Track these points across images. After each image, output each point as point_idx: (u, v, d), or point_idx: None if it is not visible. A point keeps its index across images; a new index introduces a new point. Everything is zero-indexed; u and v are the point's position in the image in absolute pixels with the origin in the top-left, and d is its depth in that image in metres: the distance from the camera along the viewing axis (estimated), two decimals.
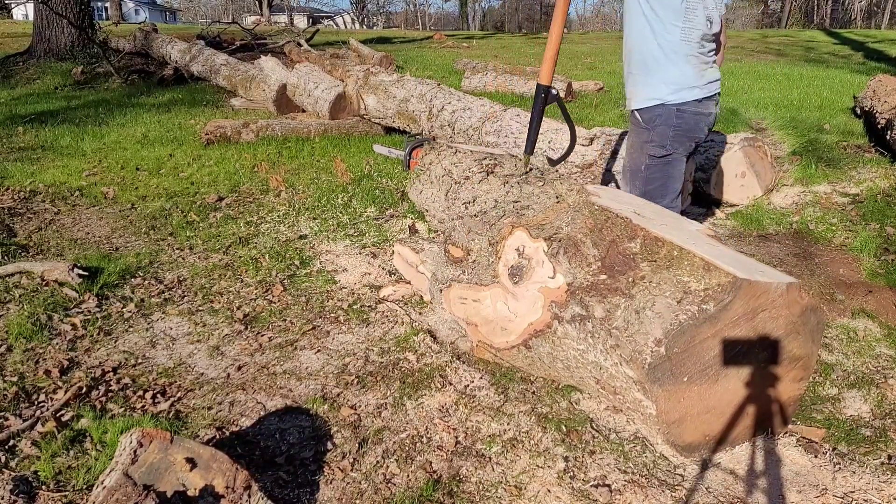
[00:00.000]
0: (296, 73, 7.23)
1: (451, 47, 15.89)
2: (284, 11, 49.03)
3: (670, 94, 2.58)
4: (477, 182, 3.08)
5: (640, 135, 2.69)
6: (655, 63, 2.57)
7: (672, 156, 2.66)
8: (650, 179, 2.70)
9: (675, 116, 2.58)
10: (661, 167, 2.68)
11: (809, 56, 14.05)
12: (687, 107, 2.59)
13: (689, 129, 2.63)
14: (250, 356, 2.66)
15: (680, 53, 2.55)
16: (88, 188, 4.70)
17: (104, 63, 9.87)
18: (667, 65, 2.56)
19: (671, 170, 2.68)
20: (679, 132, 2.62)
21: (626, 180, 2.86)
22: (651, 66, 2.59)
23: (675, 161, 2.68)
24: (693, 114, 2.61)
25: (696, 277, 1.98)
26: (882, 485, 2.01)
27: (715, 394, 2.00)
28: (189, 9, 64.27)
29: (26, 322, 2.74)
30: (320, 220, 4.13)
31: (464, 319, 2.58)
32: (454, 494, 1.94)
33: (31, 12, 16.14)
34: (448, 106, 5.42)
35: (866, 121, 6.11)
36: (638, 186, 2.75)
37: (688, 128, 2.63)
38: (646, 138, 2.67)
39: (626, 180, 2.86)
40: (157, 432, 1.60)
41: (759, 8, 54.47)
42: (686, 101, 2.59)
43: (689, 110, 2.60)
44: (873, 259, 3.61)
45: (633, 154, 2.75)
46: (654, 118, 2.62)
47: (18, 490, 1.82)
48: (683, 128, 2.62)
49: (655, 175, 2.69)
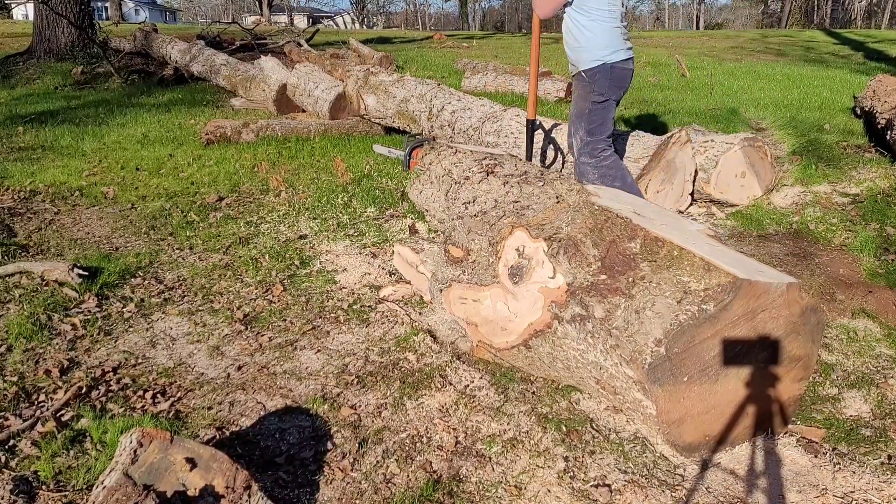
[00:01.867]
0: (296, 73, 7.23)
1: (451, 47, 15.90)
2: (284, 11, 49.05)
3: (607, 56, 3.46)
4: (477, 182, 3.08)
5: (584, 87, 3.56)
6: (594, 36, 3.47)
7: (608, 101, 3.55)
8: (592, 119, 3.59)
9: (609, 72, 3.48)
10: (601, 111, 3.57)
11: (809, 56, 14.06)
12: (618, 64, 3.50)
13: (619, 80, 3.54)
14: (250, 356, 2.66)
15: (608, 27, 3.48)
16: (88, 188, 4.70)
17: (104, 63, 9.87)
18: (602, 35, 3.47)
19: (607, 112, 3.59)
20: (612, 83, 3.52)
21: (572, 124, 3.68)
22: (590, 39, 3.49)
23: (610, 105, 3.59)
24: (621, 69, 3.51)
25: (696, 277, 1.98)
26: (882, 485, 2.01)
27: (715, 394, 2.00)
28: (189, 9, 64.29)
29: (26, 322, 2.74)
30: (320, 220, 4.13)
31: (464, 319, 2.58)
32: (454, 494, 1.94)
33: (31, 12, 16.14)
34: (448, 106, 5.42)
35: (866, 121, 6.12)
36: (583, 126, 3.62)
37: (619, 79, 3.53)
38: (589, 90, 3.53)
39: (572, 124, 3.68)
40: (157, 432, 1.60)
41: (759, 8, 54.49)
42: (616, 61, 3.48)
43: (619, 66, 3.50)
44: (873, 259, 3.61)
45: (579, 102, 3.61)
46: (595, 74, 3.49)
47: (18, 490, 1.82)
48: (616, 80, 3.52)
49: (596, 116, 3.58)
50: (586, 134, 3.62)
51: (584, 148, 3.66)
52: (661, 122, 6.53)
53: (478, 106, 5.29)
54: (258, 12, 38.69)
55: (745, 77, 10.28)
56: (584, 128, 3.63)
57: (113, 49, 11.08)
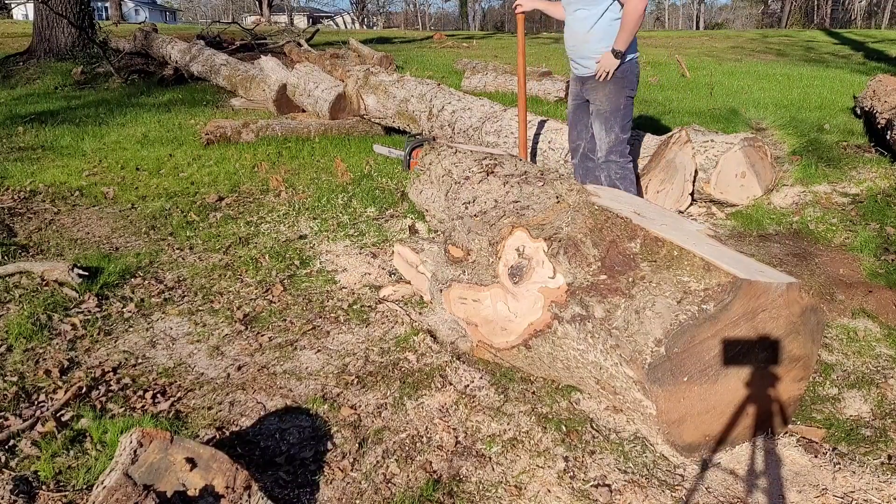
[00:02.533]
0: (296, 73, 7.23)
1: (451, 47, 15.90)
2: (284, 11, 49.03)
3: (632, 53, 3.58)
4: (477, 182, 3.08)
5: (618, 83, 3.57)
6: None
7: (634, 96, 3.70)
8: (626, 115, 3.65)
9: (636, 66, 3.64)
10: (630, 105, 3.69)
11: (809, 56, 14.06)
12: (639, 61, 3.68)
13: (639, 76, 3.70)
14: (250, 356, 2.66)
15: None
16: (88, 188, 4.70)
17: (104, 63, 9.87)
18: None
19: (633, 107, 3.74)
20: (638, 79, 3.69)
21: (605, 122, 3.64)
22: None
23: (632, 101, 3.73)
24: (639, 66, 3.70)
25: (696, 277, 1.98)
26: (882, 485, 2.01)
27: (715, 394, 2.00)
28: (189, 9, 64.27)
29: (26, 322, 2.74)
30: (320, 220, 4.13)
31: (464, 319, 2.58)
32: (454, 494, 1.94)
33: (31, 12, 16.14)
34: (448, 106, 5.42)
35: (866, 121, 6.12)
36: (619, 122, 3.63)
37: (638, 76, 3.70)
38: (622, 84, 3.57)
39: (605, 122, 3.64)
40: (157, 432, 1.60)
41: (759, 8, 54.49)
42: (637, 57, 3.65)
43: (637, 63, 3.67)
44: (873, 259, 3.61)
45: (613, 98, 3.60)
46: (629, 69, 3.58)
47: (18, 490, 1.82)
48: (638, 75, 3.69)
49: (629, 112, 3.68)
50: (621, 131, 3.62)
51: (616, 146, 3.64)
52: (661, 123, 6.53)
53: (478, 106, 5.29)
54: (258, 12, 38.68)
55: (746, 77, 10.28)
56: (619, 124, 3.61)
57: (113, 49, 11.08)
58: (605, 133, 3.66)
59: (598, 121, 3.67)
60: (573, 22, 3.67)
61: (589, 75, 3.65)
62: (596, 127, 3.70)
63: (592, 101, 3.69)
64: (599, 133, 3.69)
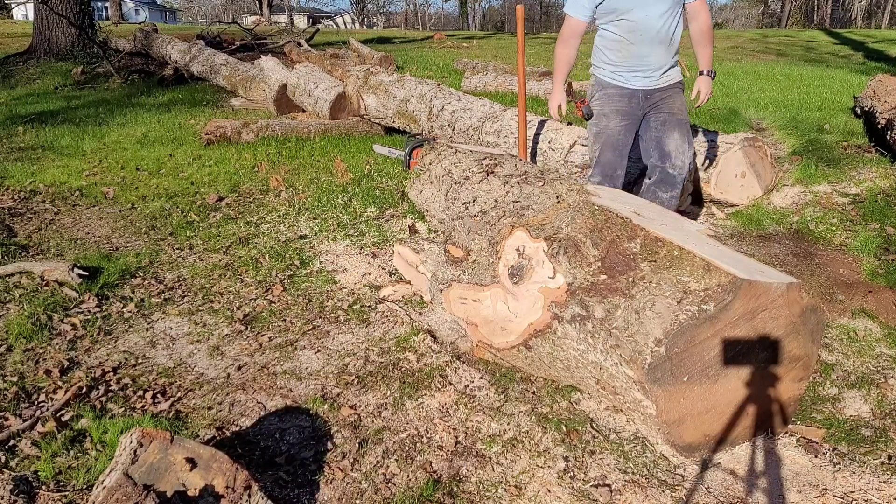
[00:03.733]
0: (296, 73, 7.23)
1: (451, 47, 15.90)
2: (284, 11, 49.03)
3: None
4: (477, 182, 3.08)
5: (681, 97, 3.44)
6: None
7: None
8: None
9: None
10: None
11: (809, 56, 14.06)
12: None
13: None
14: (250, 356, 2.66)
15: None
16: (88, 188, 4.70)
17: (104, 63, 9.87)
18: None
19: None
20: None
21: (684, 132, 3.39)
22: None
23: None
24: None
25: (696, 277, 1.98)
26: (882, 485, 2.01)
27: (715, 394, 2.00)
28: (189, 9, 64.26)
29: (26, 322, 2.74)
30: (320, 220, 4.13)
31: (464, 319, 2.58)
32: (454, 494, 1.94)
33: (31, 12, 16.14)
34: (448, 106, 5.42)
35: (866, 121, 6.11)
36: (690, 134, 3.47)
37: None
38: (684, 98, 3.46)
39: (684, 132, 3.39)
40: (157, 432, 1.60)
41: (759, 8, 54.48)
42: None
43: None
44: (873, 259, 3.61)
45: (684, 110, 3.45)
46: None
47: (18, 490, 1.82)
48: None
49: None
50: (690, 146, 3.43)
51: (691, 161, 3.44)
52: None
53: (478, 106, 5.29)
54: (258, 12, 38.69)
55: (745, 77, 10.28)
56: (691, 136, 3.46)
57: (113, 49, 11.08)
58: (687, 145, 3.37)
59: (680, 131, 3.36)
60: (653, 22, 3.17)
61: (664, 86, 3.35)
62: (676, 137, 3.35)
63: (670, 111, 3.35)
64: (680, 145, 3.34)
